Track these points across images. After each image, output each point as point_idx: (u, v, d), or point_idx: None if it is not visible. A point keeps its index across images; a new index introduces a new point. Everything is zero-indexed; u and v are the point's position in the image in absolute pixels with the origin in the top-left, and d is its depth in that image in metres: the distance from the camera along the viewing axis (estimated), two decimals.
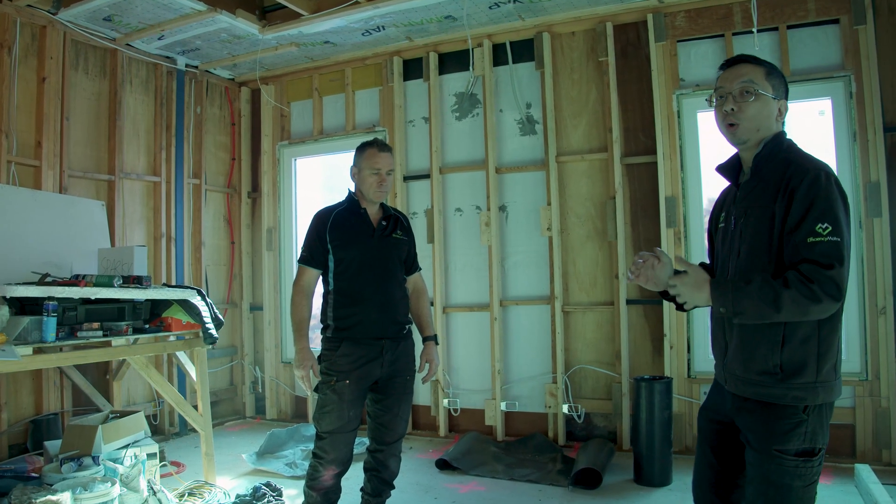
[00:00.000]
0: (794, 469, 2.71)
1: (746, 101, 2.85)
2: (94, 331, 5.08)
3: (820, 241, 2.59)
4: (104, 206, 7.17)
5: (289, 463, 6.69)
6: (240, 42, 7.97)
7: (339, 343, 4.48)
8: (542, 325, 7.51)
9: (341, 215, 4.63)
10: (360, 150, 4.66)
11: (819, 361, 2.71)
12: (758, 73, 2.87)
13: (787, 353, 2.72)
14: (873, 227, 6.16)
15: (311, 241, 4.64)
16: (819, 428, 2.75)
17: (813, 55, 6.46)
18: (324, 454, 4.43)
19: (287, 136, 9.05)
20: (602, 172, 7.29)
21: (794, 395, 2.71)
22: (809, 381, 2.70)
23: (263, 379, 8.98)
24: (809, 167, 2.71)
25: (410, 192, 8.23)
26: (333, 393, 4.40)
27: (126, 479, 5.14)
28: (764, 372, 2.77)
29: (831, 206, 2.63)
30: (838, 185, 2.70)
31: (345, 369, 4.42)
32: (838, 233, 2.60)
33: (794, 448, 2.72)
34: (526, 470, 6.44)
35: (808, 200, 2.64)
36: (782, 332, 2.72)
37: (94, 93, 7.51)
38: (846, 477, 5.84)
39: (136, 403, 7.64)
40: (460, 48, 7.85)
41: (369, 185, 4.56)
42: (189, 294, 5.77)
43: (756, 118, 2.86)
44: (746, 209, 2.89)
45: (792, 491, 2.72)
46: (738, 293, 2.67)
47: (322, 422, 4.44)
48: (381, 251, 4.59)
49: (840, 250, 2.58)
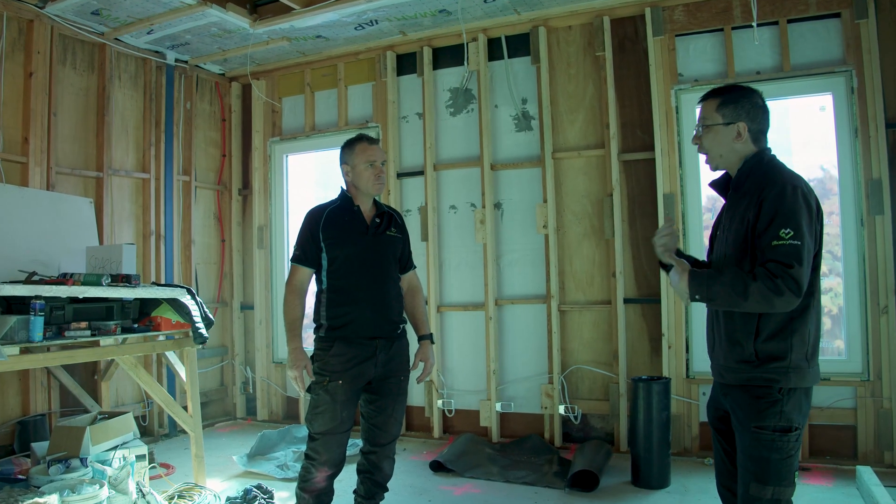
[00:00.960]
0: (770, 443, 3.12)
1: (703, 135, 3.40)
2: (81, 330, 5.06)
3: (782, 243, 3.02)
4: (92, 204, 7.16)
5: (280, 465, 6.67)
6: (230, 36, 7.93)
7: (331, 343, 4.44)
8: (538, 325, 7.48)
9: (334, 213, 4.59)
10: (350, 147, 4.63)
11: (790, 349, 3.13)
12: (710, 107, 3.38)
13: (761, 342, 3.17)
14: (875, 224, 6.14)
15: (303, 240, 4.60)
16: (795, 409, 3.15)
17: (814, 50, 6.45)
18: (316, 455, 4.39)
19: (278, 132, 9.02)
20: (599, 169, 7.27)
21: (768, 378, 3.15)
22: (782, 366, 3.13)
23: (254, 379, 8.95)
24: (779, 180, 3.16)
25: (404, 189, 8.20)
26: (326, 393, 4.37)
27: (114, 482, 5.15)
28: (742, 360, 3.22)
29: (794, 214, 3.05)
30: (804, 196, 3.12)
31: (337, 369, 4.38)
32: (799, 237, 3.02)
33: (772, 425, 3.13)
34: (521, 472, 6.41)
35: (773, 208, 3.08)
36: (756, 324, 3.18)
37: (82, 88, 7.47)
38: (848, 479, 5.81)
39: (124, 404, 7.63)
40: (455, 43, 7.84)
41: (367, 179, 4.54)
42: (179, 293, 5.74)
43: (713, 146, 3.38)
44: (731, 218, 3.35)
45: (771, 463, 3.12)
46: (712, 281, 3.17)
47: (314, 423, 4.41)
48: (374, 249, 4.57)
49: (800, 252, 3.01)
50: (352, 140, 4.65)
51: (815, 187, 6.42)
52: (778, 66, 6.54)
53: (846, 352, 6.31)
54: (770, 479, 3.11)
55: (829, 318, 6.47)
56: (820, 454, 6.32)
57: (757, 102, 3.35)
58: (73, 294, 4.95)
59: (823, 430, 6.31)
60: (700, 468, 6.37)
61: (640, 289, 7.11)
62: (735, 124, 3.31)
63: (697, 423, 6.73)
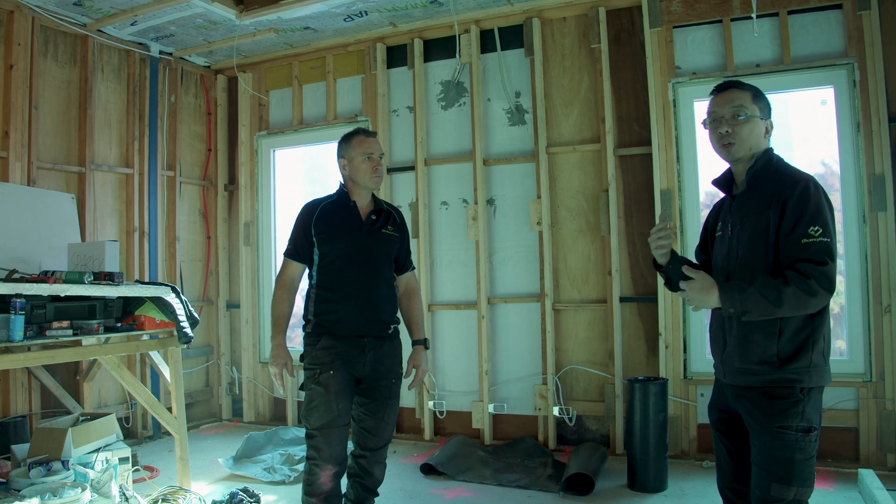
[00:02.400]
0: (794, 443, 3.14)
1: (738, 124, 3.33)
2: (63, 329, 5.04)
3: (813, 241, 3.06)
4: (74, 200, 7.08)
5: (267, 468, 6.65)
6: (216, 28, 7.88)
7: (318, 338, 4.46)
8: (532, 324, 7.46)
9: (329, 207, 4.61)
10: (347, 140, 4.65)
11: (811, 349, 3.17)
12: (745, 97, 3.35)
13: (783, 343, 3.18)
14: (878, 221, 6.11)
15: (296, 234, 4.62)
16: (814, 410, 3.19)
17: (815, 42, 6.42)
18: (317, 453, 4.34)
19: (265, 126, 8.98)
20: (594, 164, 7.24)
21: (790, 378, 3.16)
22: (804, 366, 3.16)
23: (240, 380, 8.91)
24: (799, 179, 3.19)
25: (394, 185, 8.17)
26: (319, 385, 4.36)
27: (97, 485, 5.16)
28: (762, 361, 3.21)
29: (821, 211, 3.10)
30: (825, 193, 3.17)
31: (326, 361, 4.39)
32: (828, 234, 3.07)
33: (794, 425, 3.14)
34: (514, 475, 6.39)
35: (800, 207, 3.11)
36: (779, 325, 3.17)
37: (63, 81, 7.42)
38: (849, 482, 5.80)
39: (107, 405, 7.59)
40: (446, 34, 7.80)
41: (364, 173, 4.57)
42: (163, 291, 5.73)
43: (748, 138, 3.33)
44: (742, 217, 3.36)
45: (794, 463, 3.13)
46: (744, 294, 3.13)
47: (311, 418, 4.37)
48: (367, 246, 4.56)
49: (831, 249, 3.06)
50: (349, 133, 4.67)
51: None
52: (778, 58, 6.51)
53: (848, 352, 6.30)
54: (794, 479, 3.13)
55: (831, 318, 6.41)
56: (821, 457, 6.13)
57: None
58: (54, 292, 4.91)
59: (824, 433, 6.12)
60: (698, 471, 6.35)
61: (636, 287, 7.09)
62: (767, 120, 3.38)
63: (695, 425, 6.69)
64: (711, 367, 3.67)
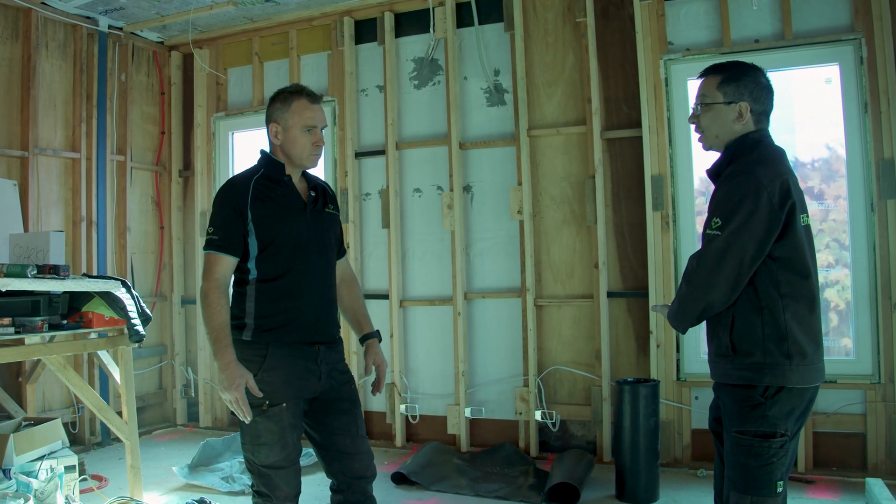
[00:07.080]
0: (748, 448, 3.20)
1: (701, 114, 3.48)
2: (4, 327, 5.01)
3: (709, 233, 3.26)
4: (16, 186, 7.11)
5: (225, 477, 6.59)
6: (170, 0, 7.75)
7: (263, 350, 3.82)
8: (513, 321, 7.40)
9: (262, 185, 3.91)
10: (284, 102, 3.94)
11: (764, 343, 3.23)
12: (711, 83, 3.45)
13: (735, 334, 3.29)
14: (887, 209, 6.02)
15: (224, 221, 3.84)
16: (782, 414, 3.22)
17: (819, 16, 6.33)
18: (272, 492, 3.79)
19: (223, 107, 8.87)
20: (580, 148, 7.16)
21: (742, 375, 3.27)
22: (756, 362, 3.23)
23: (196, 382, 8.82)
24: (738, 170, 3.29)
25: (363, 171, 8.08)
26: (268, 420, 3.75)
27: (41, 495, 5.13)
28: (719, 353, 3.37)
29: (733, 202, 3.21)
30: (756, 186, 3.18)
31: (278, 388, 3.77)
32: (723, 228, 3.21)
33: (752, 430, 3.20)
34: (493, 485, 6.34)
35: (716, 197, 3.32)
36: (731, 316, 3.30)
37: (4, 58, 7.33)
38: (856, 493, 5.73)
39: (52, 409, 7.53)
40: (420, 7, 7.69)
41: (302, 148, 3.90)
42: (112, 286, 5.65)
43: (710, 126, 3.46)
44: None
45: (748, 470, 3.20)
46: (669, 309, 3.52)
47: (259, 454, 3.77)
48: (315, 230, 4.01)
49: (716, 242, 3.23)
50: (287, 92, 3.98)
51: (820, 168, 6.36)
52: (779, 33, 6.42)
53: (854, 351, 6.21)
54: (748, 487, 3.20)
55: (836, 314, 6.38)
56: (825, 465, 6.22)
57: (761, 81, 3.42)
58: None
59: (829, 438, 6.22)
60: (692, 480, 6.30)
61: (625, 281, 7.02)
62: (737, 104, 3.39)
63: (689, 431, 6.63)
64: (706, 368, 3.70)
